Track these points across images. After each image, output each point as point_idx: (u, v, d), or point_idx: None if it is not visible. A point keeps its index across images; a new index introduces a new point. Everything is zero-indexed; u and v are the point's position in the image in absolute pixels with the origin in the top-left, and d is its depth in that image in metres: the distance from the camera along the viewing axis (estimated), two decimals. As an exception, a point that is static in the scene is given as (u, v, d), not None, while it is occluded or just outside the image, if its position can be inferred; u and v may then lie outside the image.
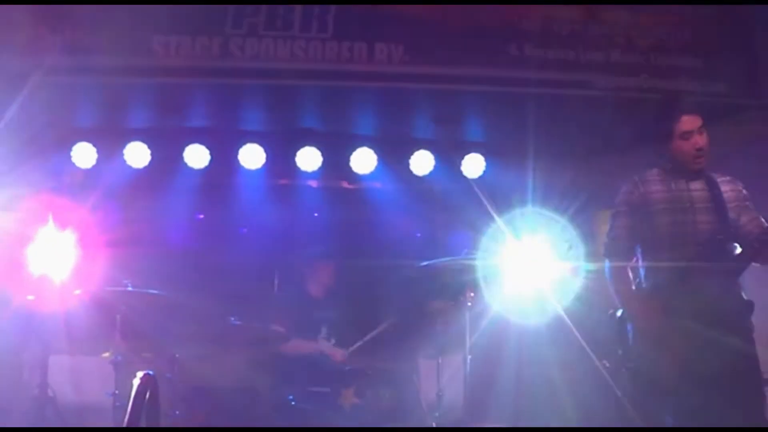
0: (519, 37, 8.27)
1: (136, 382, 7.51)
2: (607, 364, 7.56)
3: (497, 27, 8.25)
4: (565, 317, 8.17)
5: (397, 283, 9.29)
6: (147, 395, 5.68)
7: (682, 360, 5.80)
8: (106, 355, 8.74)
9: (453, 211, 9.50)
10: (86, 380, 9.03)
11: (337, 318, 9.00)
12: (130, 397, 5.37)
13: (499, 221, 8.74)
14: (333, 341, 8.92)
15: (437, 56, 8.27)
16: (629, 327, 6.18)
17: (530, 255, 8.84)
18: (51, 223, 9.21)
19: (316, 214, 10.15)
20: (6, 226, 8.95)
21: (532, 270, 8.82)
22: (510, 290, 8.77)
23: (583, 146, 9.16)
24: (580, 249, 8.73)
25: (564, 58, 8.28)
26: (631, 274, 6.24)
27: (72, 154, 9.51)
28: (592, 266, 8.15)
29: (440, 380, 8.50)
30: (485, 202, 8.91)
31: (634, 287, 6.22)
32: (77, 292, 8.54)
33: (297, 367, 8.61)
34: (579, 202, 8.88)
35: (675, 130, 6.13)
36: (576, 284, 8.44)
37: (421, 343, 9.00)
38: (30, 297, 8.99)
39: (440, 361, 8.58)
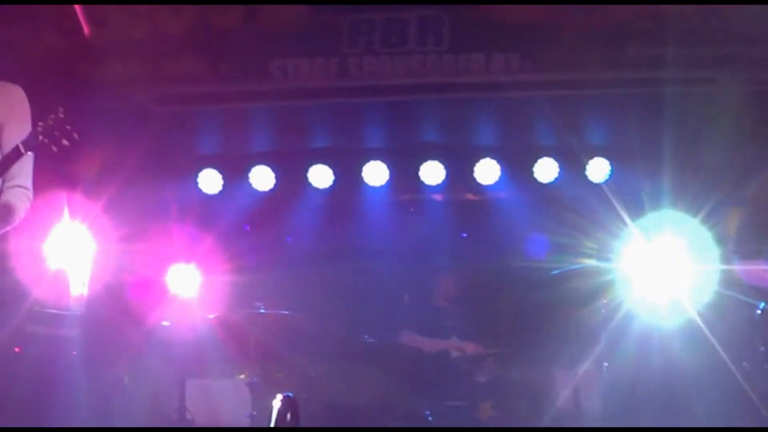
0: (636, 37, 8.30)
1: (276, 404, 7.77)
2: (747, 365, 7.55)
3: (613, 28, 8.30)
4: (700, 320, 8.11)
5: (529, 291, 9.28)
6: (288, 417, 5.90)
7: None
8: (242, 377, 9.06)
9: (581, 216, 9.42)
10: (223, 403, 9.25)
11: (469, 328, 9.12)
12: (269, 418, 5.56)
13: (630, 224, 8.68)
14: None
15: (554, 62, 8.38)
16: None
17: (662, 258, 8.76)
18: (181, 251, 9.51)
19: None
20: (140, 257, 9.29)
21: (665, 273, 8.74)
22: (644, 294, 8.68)
23: (710, 144, 9.07)
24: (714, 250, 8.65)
25: (684, 55, 8.24)
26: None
27: (198, 180, 9.87)
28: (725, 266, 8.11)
29: (577, 390, 8.50)
30: (615, 205, 8.86)
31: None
32: (211, 316, 8.79)
33: (433, 382, 8.74)
34: (711, 202, 8.80)
35: None
36: (710, 286, 8.37)
37: (556, 353, 8.98)
38: (165, 323, 9.29)
39: (576, 370, 8.59)
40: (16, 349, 8.01)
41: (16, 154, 4.81)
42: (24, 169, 5.04)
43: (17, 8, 8.43)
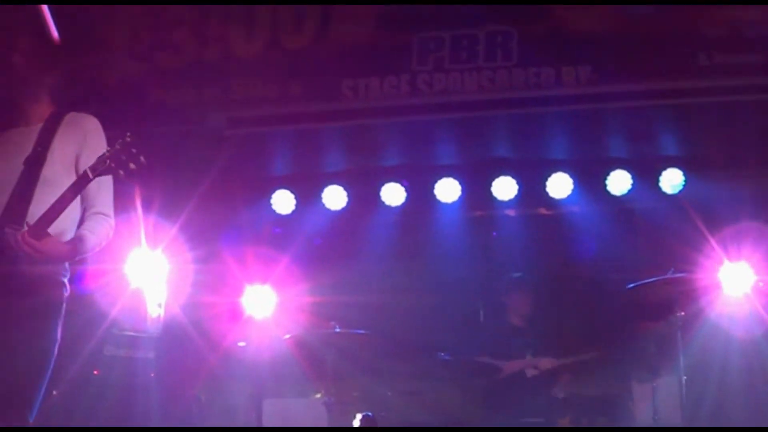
0: (706, 45, 8.33)
1: (356, 423, 7.91)
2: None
3: (683, 37, 8.34)
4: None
5: (604, 306, 9.31)
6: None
7: None
8: (318, 396, 9.21)
9: (655, 228, 9.42)
10: (300, 422, 9.33)
11: (545, 345, 9.14)
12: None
13: (705, 235, 8.65)
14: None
15: (625, 73, 8.44)
16: None
17: (740, 268, 8.71)
18: (256, 272, 9.66)
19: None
20: (215, 279, 9.47)
21: (744, 283, 8.68)
22: (722, 306, 8.64)
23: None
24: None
25: (754, 62, 8.26)
26: None
27: (272, 201, 10.04)
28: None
29: (656, 404, 8.36)
30: (690, 216, 8.82)
31: None
32: (287, 336, 8.93)
33: (510, 399, 8.75)
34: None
35: None
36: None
37: (633, 367, 8.98)
38: (241, 343, 9.46)
39: (655, 384, 8.48)
40: (95, 372, 8.25)
41: (84, 180, 4.95)
42: (103, 197, 5.19)
43: (93, 37, 8.70)
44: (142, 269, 9.10)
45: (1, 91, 5.19)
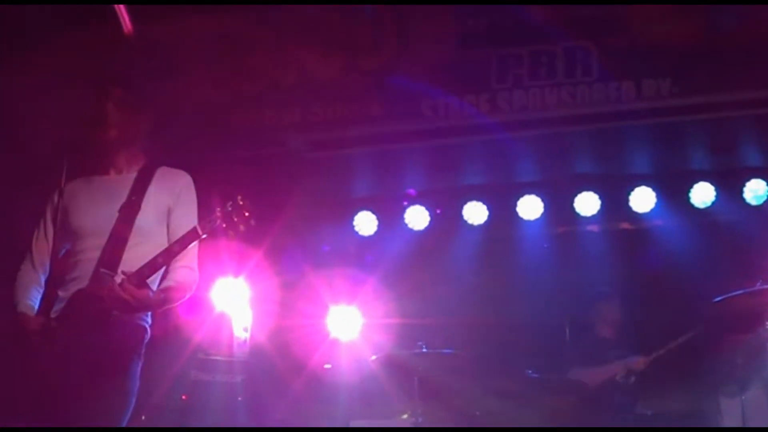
0: (788, 53, 8.37)
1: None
2: None
3: (764, 46, 8.35)
4: None
5: (691, 319, 9.25)
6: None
7: None
8: (405, 416, 9.36)
9: (740, 240, 9.49)
10: (389, 443, 9.50)
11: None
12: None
13: None
14: (632, 379, 9.08)
15: (706, 84, 8.50)
16: None
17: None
18: (339, 293, 9.91)
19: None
20: (300, 302, 9.74)
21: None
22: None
23: None
24: None
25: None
26: None
27: (354, 223, 10.31)
28: None
29: (745, 418, 8.45)
30: None
31: None
32: (373, 357, 9.17)
33: (598, 416, 8.83)
34: None
35: None
36: None
37: (721, 381, 9.02)
38: (327, 365, 9.71)
39: (743, 397, 8.57)
40: (183, 397, 8.56)
41: (193, 236, 5.11)
42: (190, 252, 5.30)
43: (171, 64, 9.02)
44: (227, 294, 9.39)
45: (96, 138, 5.39)
